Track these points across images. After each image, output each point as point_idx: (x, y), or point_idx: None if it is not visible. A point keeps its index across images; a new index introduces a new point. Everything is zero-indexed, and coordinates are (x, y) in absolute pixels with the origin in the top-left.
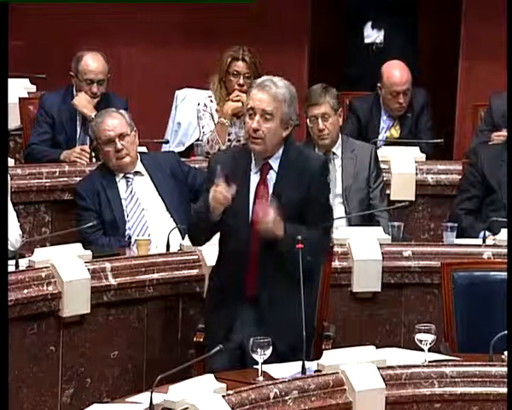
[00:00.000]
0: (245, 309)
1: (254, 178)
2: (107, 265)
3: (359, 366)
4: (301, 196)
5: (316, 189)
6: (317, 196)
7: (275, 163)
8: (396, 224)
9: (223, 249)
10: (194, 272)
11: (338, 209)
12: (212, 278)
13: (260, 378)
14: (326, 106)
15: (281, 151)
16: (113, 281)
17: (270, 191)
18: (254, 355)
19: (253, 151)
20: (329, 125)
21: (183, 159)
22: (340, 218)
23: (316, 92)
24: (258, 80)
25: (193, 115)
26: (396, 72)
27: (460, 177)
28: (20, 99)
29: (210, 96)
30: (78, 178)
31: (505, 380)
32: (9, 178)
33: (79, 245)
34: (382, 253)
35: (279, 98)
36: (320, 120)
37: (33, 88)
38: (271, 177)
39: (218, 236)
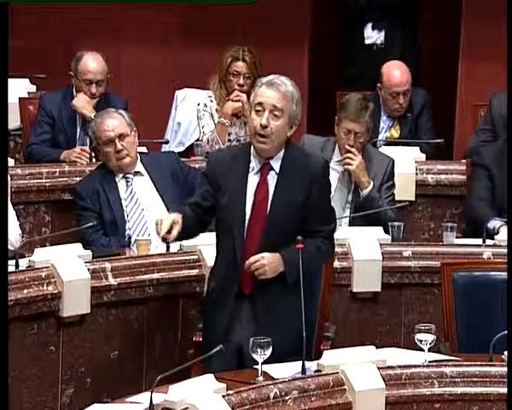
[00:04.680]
0: (242, 309)
1: (253, 179)
2: (107, 265)
3: (359, 366)
4: (303, 197)
5: (317, 191)
6: (319, 198)
7: (276, 164)
8: (396, 224)
9: (219, 249)
10: (194, 272)
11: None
12: (210, 279)
13: (260, 378)
14: (363, 125)
15: (282, 152)
16: (113, 281)
17: (271, 192)
18: (254, 355)
19: (257, 150)
20: (359, 144)
21: (183, 159)
22: (341, 218)
23: (357, 107)
24: (266, 78)
25: (193, 115)
26: (396, 72)
27: (460, 177)
28: (20, 99)
29: (210, 96)
30: (78, 178)
31: (505, 380)
32: (9, 178)
33: (79, 245)
34: (382, 253)
35: (288, 96)
36: (353, 136)
37: (33, 88)
38: (272, 177)
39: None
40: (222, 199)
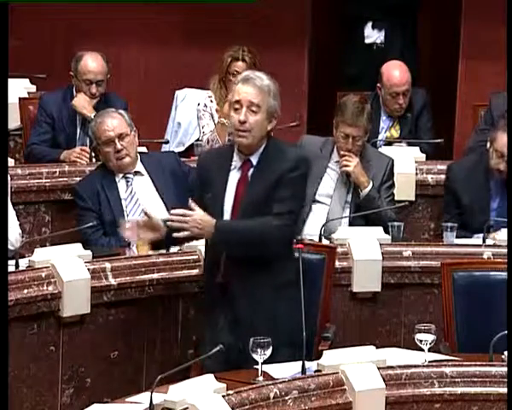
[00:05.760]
0: (225, 308)
1: (235, 176)
2: (107, 265)
3: (359, 366)
4: (272, 187)
5: (282, 184)
6: (282, 190)
7: (255, 159)
8: (396, 224)
9: (206, 246)
10: (194, 272)
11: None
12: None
13: (260, 378)
14: (361, 129)
15: (262, 148)
16: (113, 281)
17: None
18: (254, 355)
19: (238, 146)
20: (358, 146)
21: (183, 159)
22: (341, 218)
23: (354, 111)
24: (242, 75)
25: (193, 115)
26: (396, 72)
27: None
28: (20, 99)
29: (210, 96)
30: (78, 178)
31: (505, 380)
32: (9, 178)
33: (79, 245)
34: (382, 253)
35: (265, 90)
36: (351, 140)
37: (33, 88)
38: (251, 173)
39: None
40: (207, 196)
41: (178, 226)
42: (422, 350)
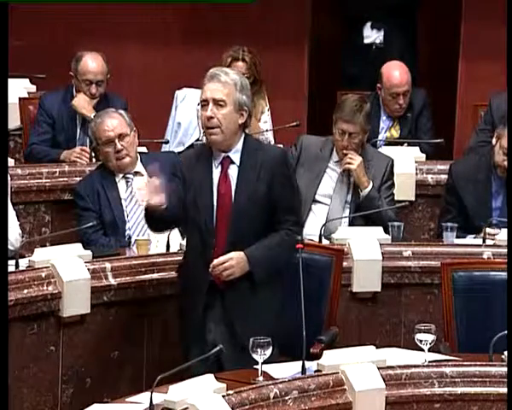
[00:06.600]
0: (214, 307)
1: (216, 173)
2: (107, 265)
3: (359, 366)
4: (266, 189)
5: (279, 181)
6: (282, 188)
7: (235, 156)
8: (396, 224)
9: (189, 246)
10: None
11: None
12: (181, 276)
13: (260, 378)
14: (357, 126)
15: (240, 144)
16: (113, 281)
17: (233, 186)
18: (254, 355)
19: (211, 144)
20: (355, 144)
21: None
22: (341, 218)
23: (351, 108)
24: (209, 72)
25: (193, 115)
26: (396, 73)
27: None
28: (20, 99)
29: None
30: (78, 178)
31: (505, 380)
32: (9, 178)
33: (79, 245)
34: (382, 253)
35: (230, 84)
36: (347, 137)
37: (33, 88)
38: (233, 171)
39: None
40: (188, 195)
41: (224, 274)
42: (422, 350)
